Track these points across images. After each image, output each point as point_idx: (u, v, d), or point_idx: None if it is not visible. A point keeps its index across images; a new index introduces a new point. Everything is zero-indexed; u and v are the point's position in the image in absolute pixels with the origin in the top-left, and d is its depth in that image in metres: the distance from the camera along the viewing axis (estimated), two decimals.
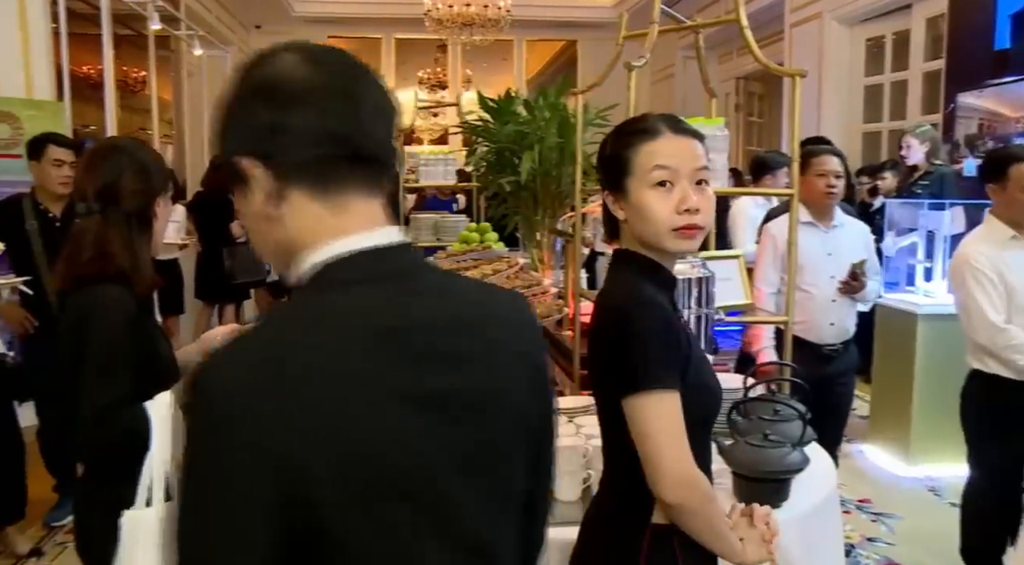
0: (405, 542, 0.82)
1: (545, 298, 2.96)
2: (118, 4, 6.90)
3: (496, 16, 9.45)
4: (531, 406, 0.95)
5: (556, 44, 13.64)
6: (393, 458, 0.80)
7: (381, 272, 0.86)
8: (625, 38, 2.52)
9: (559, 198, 3.59)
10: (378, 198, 0.89)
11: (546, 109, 3.51)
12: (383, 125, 0.87)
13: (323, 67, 0.86)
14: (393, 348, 0.82)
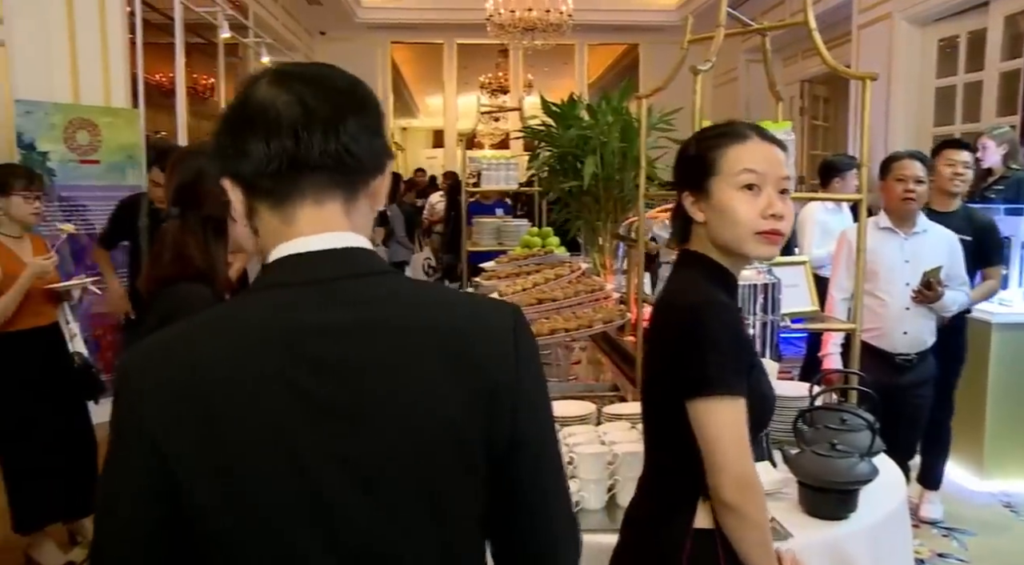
0: (286, 544, 0.86)
1: (607, 303, 2.95)
2: (190, 13, 7.11)
3: (558, 20, 9.47)
4: (469, 420, 0.90)
5: (617, 48, 13.60)
6: (263, 457, 0.85)
7: (300, 276, 0.90)
8: (690, 42, 2.51)
9: (621, 203, 3.58)
10: (332, 203, 0.92)
11: (609, 113, 3.51)
12: (331, 134, 0.90)
13: (280, 86, 0.91)
14: (280, 350, 0.86)
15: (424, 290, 0.99)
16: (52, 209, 4.69)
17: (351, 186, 0.93)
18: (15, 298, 3.09)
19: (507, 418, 0.92)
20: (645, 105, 2.81)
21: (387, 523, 0.88)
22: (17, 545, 3.40)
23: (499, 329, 0.94)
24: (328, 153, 0.90)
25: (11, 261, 3.14)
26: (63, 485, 3.32)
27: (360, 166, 0.93)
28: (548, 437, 0.99)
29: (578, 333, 2.65)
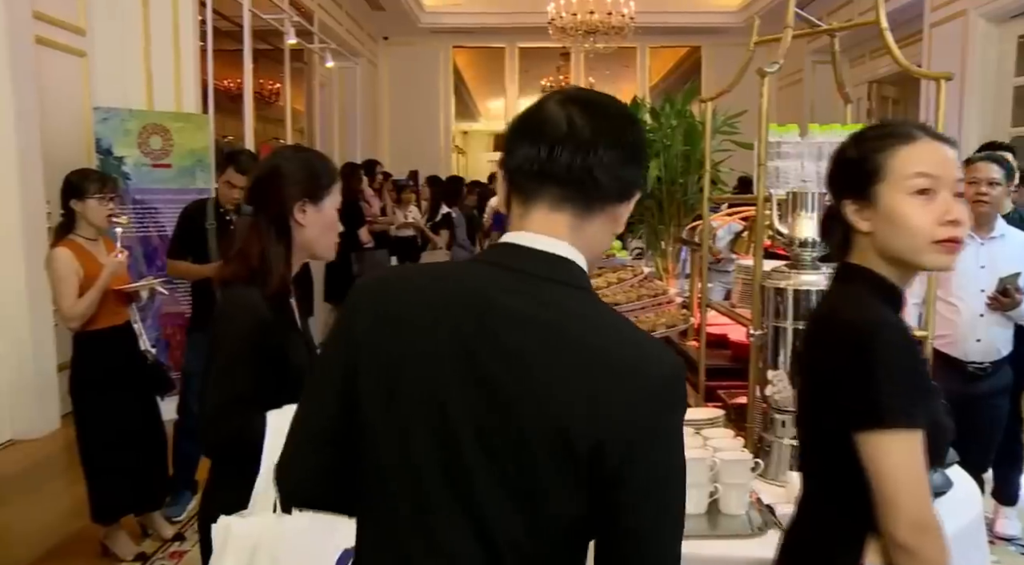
0: (412, 466, 1.02)
1: (670, 308, 2.93)
2: (258, 21, 7.30)
3: (620, 23, 9.44)
4: (582, 442, 0.94)
5: (679, 50, 13.49)
6: (420, 397, 1.02)
7: (511, 263, 1.04)
8: (756, 43, 2.48)
9: (684, 206, 3.56)
10: (563, 214, 1.05)
11: (673, 116, 3.49)
12: (580, 154, 1.02)
13: (561, 105, 1.06)
14: (471, 317, 1.00)
15: (607, 314, 1.05)
16: (126, 212, 4.85)
17: (586, 204, 1.05)
18: (96, 296, 3.22)
19: (621, 451, 0.95)
20: (710, 108, 2.78)
21: (488, 488, 0.98)
22: (93, 535, 3.53)
23: (655, 368, 0.99)
24: (572, 170, 1.02)
25: (90, 262, 3.27)
26: (137, 478, 3.44)
27: (598, 188, 1.04)
28: (664, 487, 0.99)
29: None
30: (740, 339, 2.60)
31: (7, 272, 4.87)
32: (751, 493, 1.79)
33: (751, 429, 2.10)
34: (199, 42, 6.23)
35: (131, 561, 3.44)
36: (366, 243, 6.81)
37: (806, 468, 1.41)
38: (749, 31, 2.54)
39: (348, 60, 10.26)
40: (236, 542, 1.62)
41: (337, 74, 10.28)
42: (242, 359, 1.70)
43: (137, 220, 5.19)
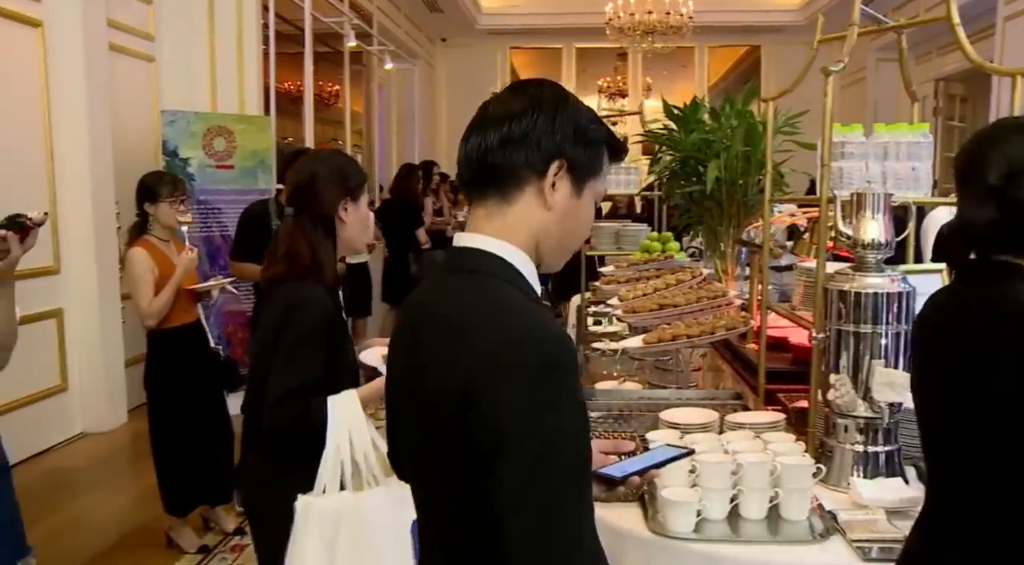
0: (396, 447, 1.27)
1: (729, 310, 2.90)
2: (318, 24, 7.42)
3: (678, 23, 9.37)
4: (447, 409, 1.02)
5: (738, 50, 13.31)
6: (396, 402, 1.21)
7: (443, 264, 1.17)
8: (820, 42, 2.44)
9: (744, 207, 3.51)
10: (483, 205, 1.13)
11: (733, 116, 3.45)
12: (473, 145, 1.12)
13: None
14: (408, 315, 1.19)
15: (474, 291, 1.08)
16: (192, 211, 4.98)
17: (499, 190, 1.11)
18: (172, 293, 3.33)
19: (473, 421, 0.98)
20: (771, 108, 2.74)
21: (424, 470, 1.13)
22: (159, 526, 3.63)
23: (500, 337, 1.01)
24: (472, 161, 1.12)
25: (164, 261, 3.38)
26: (207, 472, 3.55)
27: (500, 171, 1.10)
28: (512, 458, 0.97)
29: (700, 340, 2.61)
30: (801, 342, 2.56)
31: (79, 271, 5.04)
32: (812, 499, 1.76)
33: (812, 434, 2.06)
34: (262, 46, 6.37)
35: (194, 553, 3.53)
36: (424, 244, 6.88)
37: (944, 473, 1.31)
38: (811, 29, 2.49)
39: (406, 62, 10.37)
40: (319, 518, 1.76)
41: (395, 76, 10.40)
42: (312, 347, 1.83)
43: (201, 220, 5.33)
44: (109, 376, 5.18)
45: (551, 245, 1.14)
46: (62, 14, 4.86)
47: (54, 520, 3.93)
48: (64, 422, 5.00)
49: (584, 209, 1.15)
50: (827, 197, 2.08)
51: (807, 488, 1.74)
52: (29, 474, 4.50)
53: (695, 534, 1.66)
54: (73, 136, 4.93)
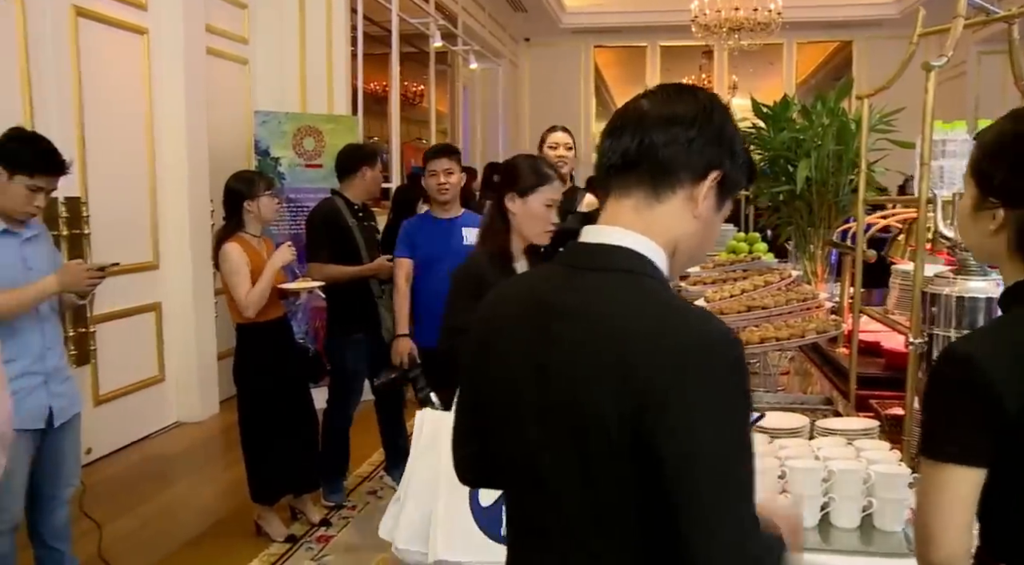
0: (507, 460, 1.13)
1: (819, 313, 2.82)
2: (404, 25, 7.54)
3: (766, 19, 9.17)
4: (613, 413, 0.97)
5: (828, 45, 12.94)
6: (500, 395, 1.12)
7: (564, 260, 1.13)
8: (920, 35, 2.35)
9: (836, 208, 3.41)
10: (629, 198, 1.10)
11: (824, 115, 3.36)
12: (635, 138, 1.09)
13: (631, 101, 1.14)
14: (524, 313, 1.10)
15: (638, 292, 1.04)
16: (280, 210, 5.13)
17: (653, 187, 1.09)
18: (269, 282, 3.43)
19: (649, 427, 0.94)
20: (866, 105, 2.66)
21: (563, 475, 1.03)
22: (248, 515, 3.75)
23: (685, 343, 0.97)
24: (630, 153, 1.09)
25: (256, 258, 3.48)
26: (294, 462, 3.64)
27: (663, 168, 1.08)
28: (712, 454, 0.95)
29: (789, 343, 2.55)
30: (895, 347, 2.48)
31: (176, 266, 5.24)
32: (909, 510, 1.70)
33: (908, 442, 1.99)
34: (350, 47, 6.50)
35: (282, 542, 3.62)
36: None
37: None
38: (905, 23, 2.41)
39: (490, 62, 10.44)
40: (430, 425, 2.16)
41: (480, 75, 10.48)
42: (461, 297, 2.37)
43: (290, 218, 5.47)
44: (202, 368, 5.38)
45: (685, 253, 1.12)
46: (165, 21, 5.07)
47: (150, 506, 4.10)
48: (161, 412, 5.21)
49: (718, 224, 1.15)
50: (926, 197, 2.01)
51: (904, 498, 1.67)
52: (128, 461, 4.71)
53: None
54: (172, 137, 5.13)
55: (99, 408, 4.59)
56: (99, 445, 4.56)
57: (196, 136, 5.26)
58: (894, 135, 3.37)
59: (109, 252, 3.95)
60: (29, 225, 2.73)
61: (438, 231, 3.69)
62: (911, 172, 2.14)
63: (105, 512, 3.49)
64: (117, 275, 3.02)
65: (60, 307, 2.89)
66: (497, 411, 1.14)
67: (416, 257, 3.71)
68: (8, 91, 3.94)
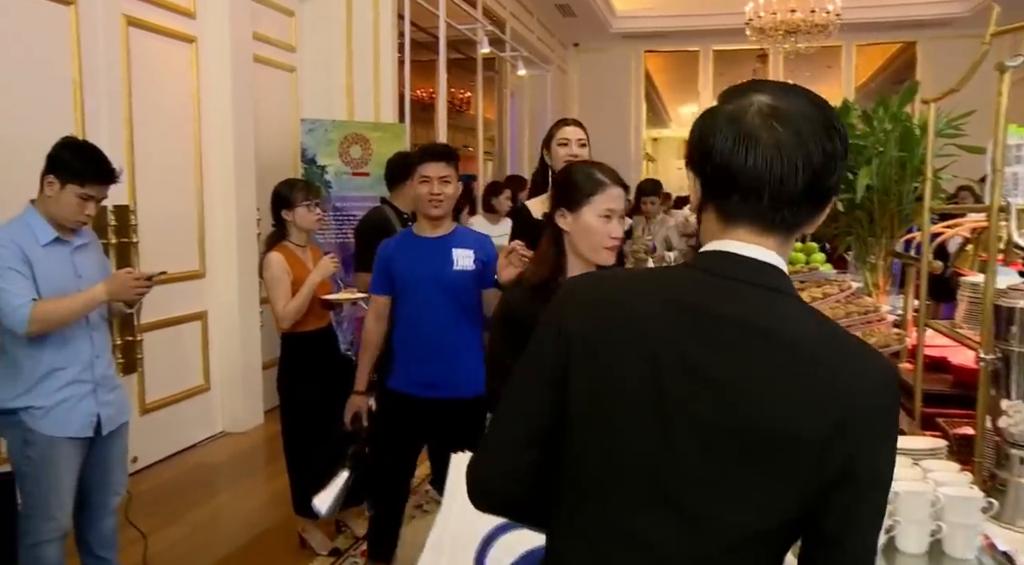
0: (616, 464, 1.05)
1: (880, 326, 2.76)
2: (451, 31, 7.58)
3: (824, 21, 9.04)
4: (805, 439, 0.98)
5: (889, 47, 12.71)
6: (629, 394, 1.04)
7: (714, 268, 1.06)
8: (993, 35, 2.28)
9: (898, 217, 3.33)
10: (770, 236, 1.06)
11: (887, 119, 3.28)
12: (785, 205, 1.03)
13: (759, 125, 1.03)
14: (672, 314, 1.04)
15: (818, 321, 1.07)
16: (327, 218, 5.18)
17: (791, 231, 1.08)
18: (308, 295, 3.47)
19: (849, 451, 0.98)
20: (933, 109, 2.59)
21: (712, 495, 1.00)
22: (292, 527, 3.78)
23: (874, 373, 1.01)
24: (779, 214, 1.06)
25: (299, 267, 3.52)
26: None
27: (805, 220, 1.07)
28: (881, 486, 1.02)
29: None
30: (963, 363, 2.41)
31: (222, 275, 5.33)
32: (982, 536, 1.64)
33: (980, 464, 1.92)
34: (397, 54, 6.56)
35: (326, 556, 3.64)
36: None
37: None
38: (975, 21, 2.35)
39: (539, 68, 10.46)
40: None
41: (528, 82, 10.50)
42: (499, 336, 2.23)
43: (336, 227, 5.53)
44: (247, 377, 5.45)
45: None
46: (213, 29, 5.17)
47: (194, 516, 4.16)
48: (206, 421, 5.29)
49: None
50: (999, 205, 1.95)
51: (975, 524, 1.62)
52: (175, 469, 4.79)
53: None
54: (219, 145, 5.23)
55: (145, 417, 4.68)
56: (144, 454, 4.64)
57: (243, 144, 5.35)
58: (962, 140, 3.29)
59: (156, 261, 4.03)
60: (79, 233, 2.79)
61: (422, 254, 3.02)
62: (979, 178, 2.08)
63: (150, 521, 3.55)
64: (164, 284, 3.07)
65: (108, 315, 2.95)
66: (608, 417, 1.06)
67: (394, 287, 3.08)
68: (61, 100, 4.05)
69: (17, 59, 3.77)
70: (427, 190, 2.99)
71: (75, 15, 4.11)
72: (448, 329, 2.96)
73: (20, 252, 2.60)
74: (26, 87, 3.83)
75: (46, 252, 2.67)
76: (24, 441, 2.69)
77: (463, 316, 2.98)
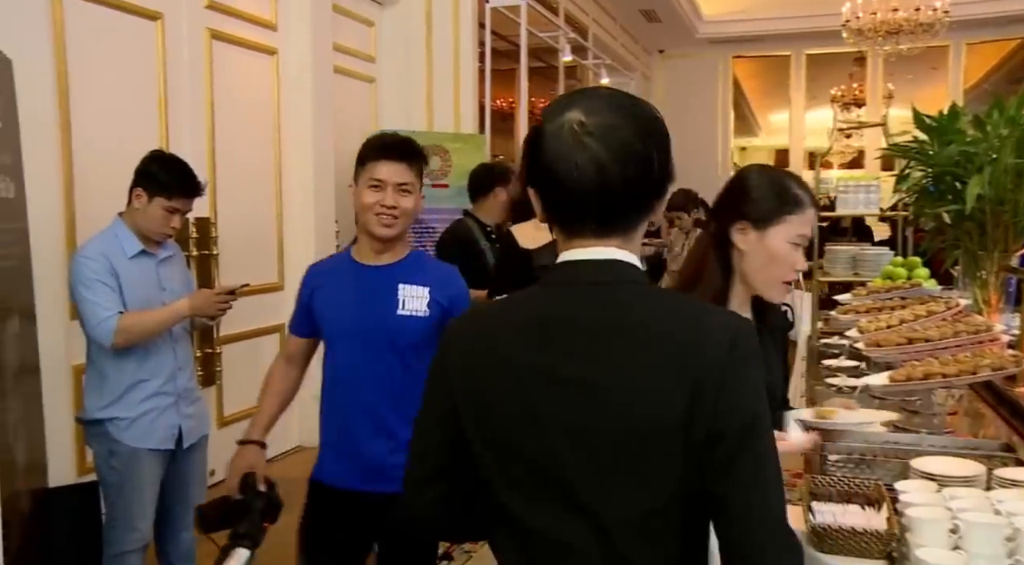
0: (515, 478, 1.17)
1: (993, 347, 2.65)
2: (533, 39, 7.63)
3: (930, 19, 8.76)
4: (670, 410, 1.08)
5: (1003, 45, 12.24)
6: (511, 416, 1.15)
7: (560, 279, 1.18)
8: None
9: (1014, 229, 3.20)
10: (610, 237, 1.16)
11: (1002, 124, 3.16)
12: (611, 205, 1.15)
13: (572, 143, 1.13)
14: (531, 332, 1.16)
15: (661, 298, 1.21)
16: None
17: (630, 226, 1.19)
18: None
19: (708, 411, 1.07)
20: None
21: (600, 486, 1.12)
22: None
23: (717, 333, 1.11)
24: (608, 213, 1.18)
25: None
26: None
27: (639, 215, 1.19)
28: (752, 436, 1.10)
29: (959, 380, 2.40)
30: None
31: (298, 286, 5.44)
32: None
33: None
34: (477, 64, 6.64)
35: None
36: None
37: None
38: None
39: (622, 75, 10.44)
40: None
41: None
42: None
43: (416, 239, 5.61)
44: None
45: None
46: (294, 41, 5.33)
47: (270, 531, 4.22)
48: (283, 435, 5.41)
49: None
50: None
51: None
52: None
53: None
54: (299, 157, 5.37)
55: (223, 430, 4.81)
56: (222, 467, 4.76)
57: (322, 156, 5.48)
58: None
59: (236, 273, 4.15)
60: (164, 246, 2.91)
61: (358, 289, 2.29)
62: None
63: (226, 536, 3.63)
64: (244, 296, 3.16)
65: (190, 328, 3.06)
66: (496, 437, 1.18)
67: (317, 331, 2.41)
68: (147, 113, 4.23)
69: (106, 74, 3.96)
70: (375, 200, 2.26)
71: (161, 30, 4.29)
72: (396, 397, 2.20)
73: (108, 264, 2.72)
74: (114, 101, 4.01)
75: (132, 264, 2.79)
76: (109, 451, 2.80)
77: (404, 376, 2.21)
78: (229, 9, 4.82)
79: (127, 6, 4.07)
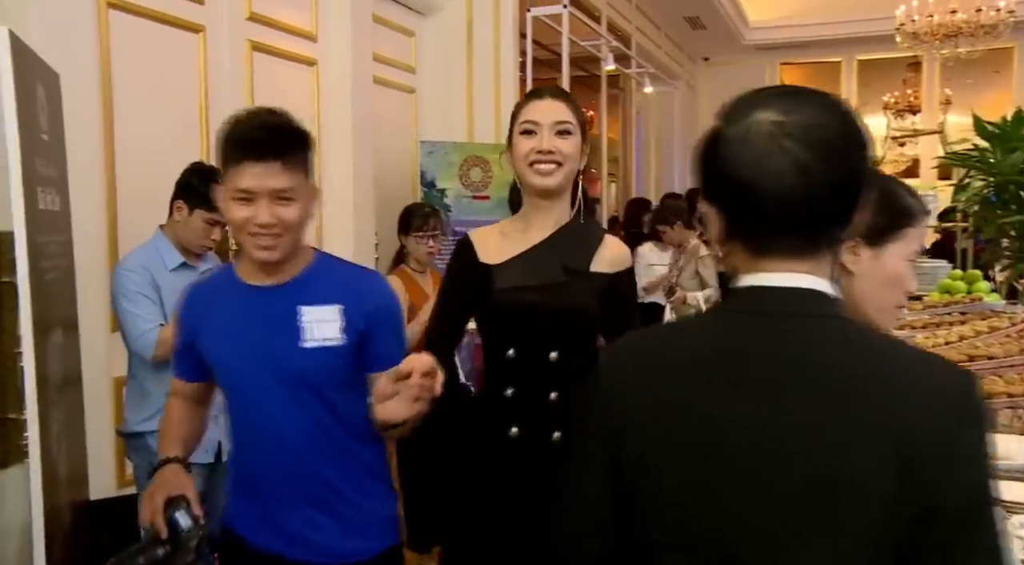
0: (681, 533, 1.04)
1: None
2: (575, 47, 7.65)
3: (992, 20, 8.59)
4: (871, 477, 0.92)
5: None
6: (679, 457, 1.03)
7: (744, 306, 1.05)
8: None
9: None
10: (803, 260, 1.03)
11: None
12: (812, 217, 1.02)
13: (769, 144, 1.02)
14: (708, 367, 1.03)
15: (866, 339, 1.03)
16: (448, 243, 5.29)
17: (827, 246, 1.08)
18: (422, 326, 3.54)
19: (923, 488, 0.92)
20: None
21: (767, 540, 0.97)
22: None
23: (940, 391, 0.95)
24: (808, 229, 1.06)
25: (417, 292, 3.62)
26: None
27: (839, 234, 1.07)
28: (975, 510, 0.93)
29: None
30: None
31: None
32: None
33: None
34: (518, 74, 6.67)
35: None
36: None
37: None
38: None
39: (666, 84, 10.41)
40: None
41: (654, 99, 10.46)
42: None
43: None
44: None
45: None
46: (334, 52, 5.39)
47: None
48: None
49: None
50: None
51: None
52: None
53: None
54: (338, 168, 5.43)
55: None
56: None
57: (362, 167, 5.53)
58: None
59: None
60: (204, 258, 2.96)
61: (246, 315, 1.80)
62: None
63: None
64: None
65: None
66: (666, 483, 1.06)
67: (207, 372, 1.92)
68: (189, 125, 4.30)
69: (149, 86, 4.04)
70: (245, 216, 1.68)
71: (203, 42, 4.37)
72: (313, 448, 1.82)
73: (149, 277, 2.77)
74: (157, 113, 4.09)
75: (173, 277, 2.84)
76: (150, 464, 2.84)
77: (337, 425, 1.85)
78: (270, 20, 4.90)
79: (170, 19, 4.15)
